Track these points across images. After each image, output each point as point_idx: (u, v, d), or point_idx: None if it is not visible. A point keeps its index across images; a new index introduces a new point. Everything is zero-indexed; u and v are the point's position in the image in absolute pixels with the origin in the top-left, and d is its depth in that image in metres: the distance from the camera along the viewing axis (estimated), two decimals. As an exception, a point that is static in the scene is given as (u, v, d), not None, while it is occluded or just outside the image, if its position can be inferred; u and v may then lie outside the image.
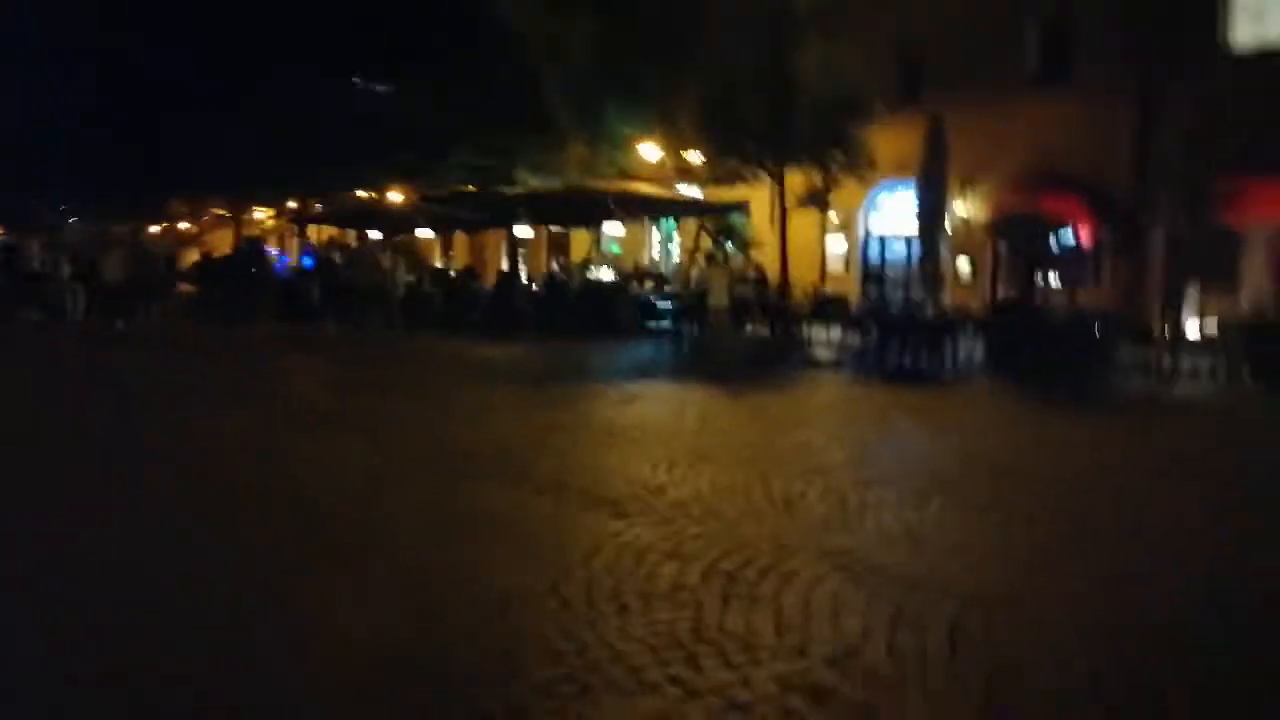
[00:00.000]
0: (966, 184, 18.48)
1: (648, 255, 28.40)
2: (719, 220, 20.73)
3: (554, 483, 6.38)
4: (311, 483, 6.48)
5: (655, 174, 23.46)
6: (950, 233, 17.74)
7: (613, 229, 26.91)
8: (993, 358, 13.80)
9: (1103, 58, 17.60)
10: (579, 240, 30.48)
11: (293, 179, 33.33)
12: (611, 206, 19.81)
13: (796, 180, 19.78)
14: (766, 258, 21.89)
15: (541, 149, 23.24)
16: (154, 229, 52.50)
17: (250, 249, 21.48)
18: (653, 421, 8.77)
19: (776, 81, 16.61)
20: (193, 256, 33.00)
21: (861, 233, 22.76)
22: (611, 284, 19.57)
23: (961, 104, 16.68)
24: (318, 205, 37.30)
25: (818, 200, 18.51)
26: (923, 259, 15.82)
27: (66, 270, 20.33)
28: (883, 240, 22.49)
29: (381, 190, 31.67)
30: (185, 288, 21.38)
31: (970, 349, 13.91)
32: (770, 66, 16.65)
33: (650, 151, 22.44)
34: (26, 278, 20.14)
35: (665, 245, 28.66)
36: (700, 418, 8.91)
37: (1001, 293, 19.27)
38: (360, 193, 33.82)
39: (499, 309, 19.84)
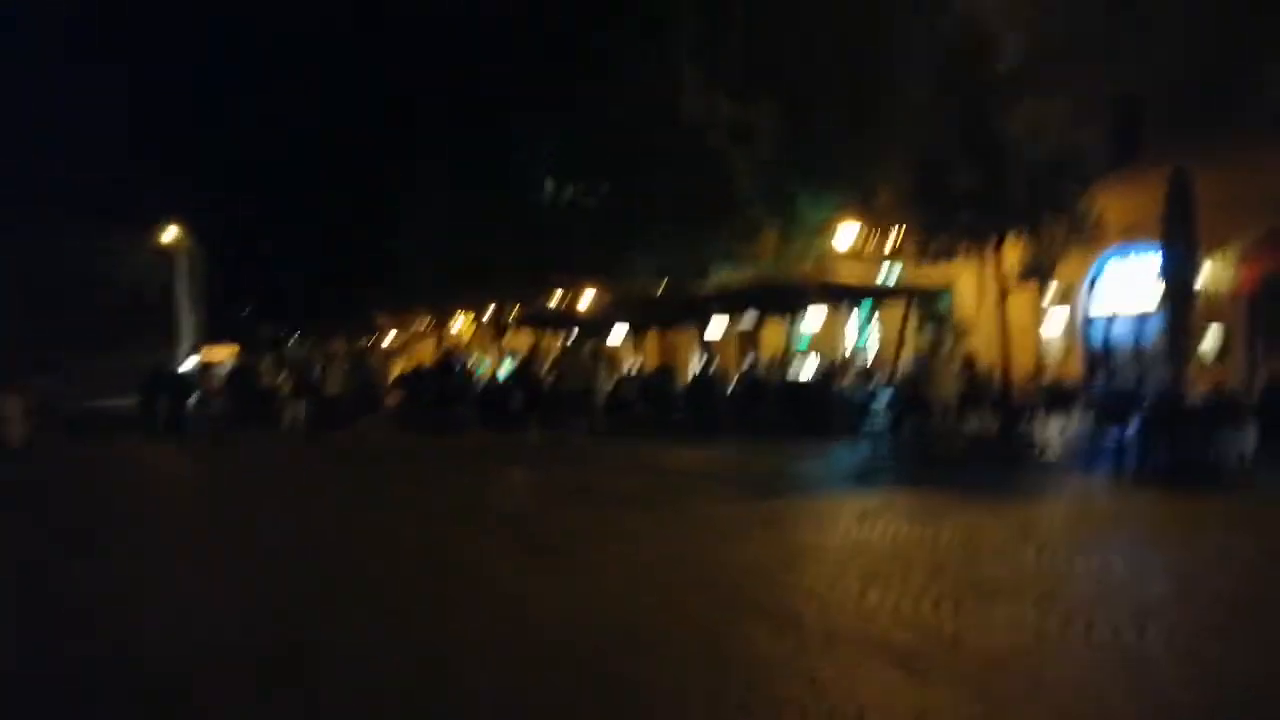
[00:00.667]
0: (1210, 248, 16.58)
1: (843, 348, 27.21)
2: (927, 304, 19.48)
3: (823, 627, 5.46)
4: (563, 627, 5.78)
5: (853, 258, 22.55)
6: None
7: (806, 322, 26.00)
8: (1269, 450, 11.88)
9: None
10: (772, 335, 29.71)
11: (488, 284, 34.14)
12: (811, 296, 18.95)
13: (1011, 255, 18.41)
14: (977, 343, 20.41)
15: (732, 240, 22.79)
16: (363, 342, 55.82)
17: (449, 359, 21.85)
18: (907, 544, 7.70)
19: (987, 146, 15.41)
20: (397, 368, 34.43)
21: (1082, 311, 20.86)
22: (815, 380, 18.57)
23: (1188, 157, 14.97)
24: (513, 311, 38.41)
25: (1039, 273, 16.96)
26: (1171, 334, 14.06)
27: (288, 387, 21.24)
28: (1110, 319, 20.52)
29: (573, 292, 32.09)
30: (393, 399, 21.91)
31: (1238, 440, 12.03)
32: (979, 130, 15.46)
33: (848, 234, 21.57)
34: (256, 395, 21.18)
35: (862, 336, 27.41)
36: (962, 539, 7.75)
37: (1256, 372, 17.01)
38: (556, 294, 34.41)
39: (698, 410, 19.21)
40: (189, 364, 30.09)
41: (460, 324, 44.24)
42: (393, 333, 54.19)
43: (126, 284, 54.37)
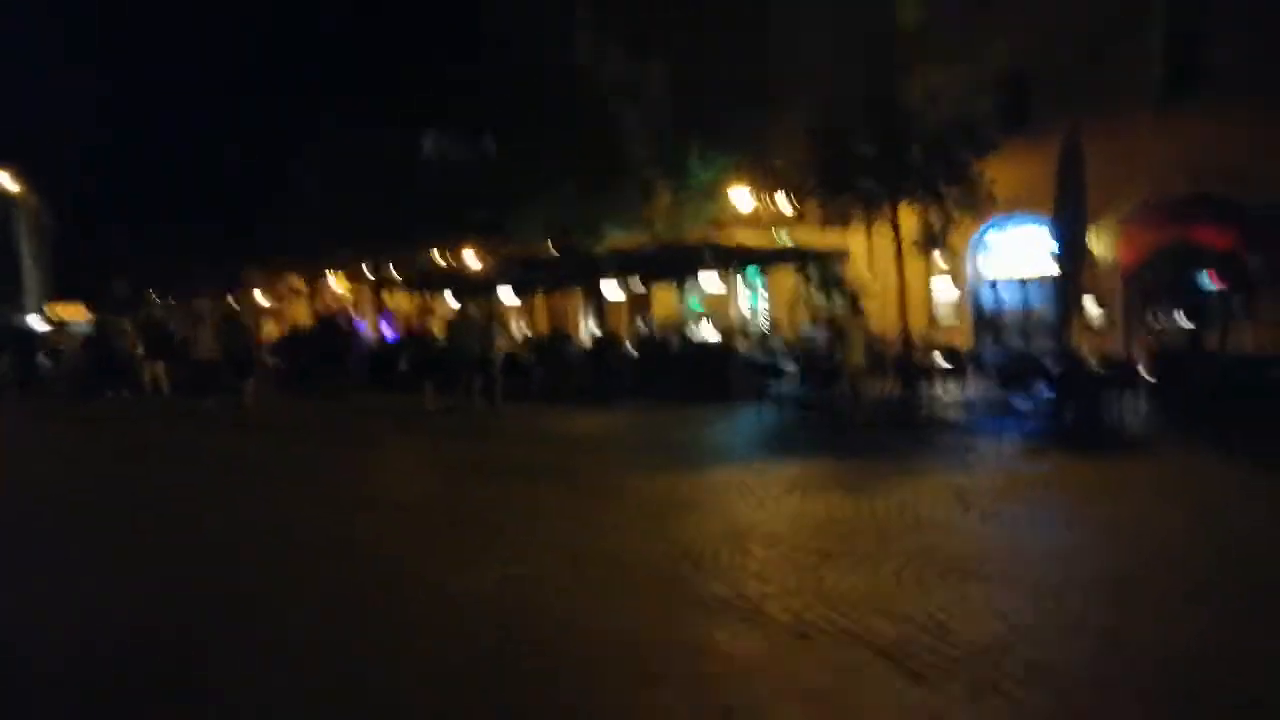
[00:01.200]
0: (1091, 220, 16.88)
1: (737, 312, 26.98)
2: (826, 268, 19.28)
3: (792, 619, 4.93)
4: (496, 630, 5.07)
5: (749, 222, 22.21)
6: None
7: (699, 286, 25.61)
8: (1166, 414, 12.10)
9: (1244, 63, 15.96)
10: (662, 299, 29.25)
11: (365, 241, 32.45)
12: (707, 259, 18.48)
13: (905, 221, 18.38)
14: (870, 308, 20.41)
15: (624, 202, 22.10)
16: (231, 303, 52.67)
17: (331, 319, 20.46)
18: (848, 518, 7.26)
19: (888, 110, 15.16)
20: (269, 330, 32.40)
21: (970, 276, 21.13)
22: (717, 343, 18.14)
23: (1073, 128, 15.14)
24: (391, 270, 36.68)
25: (935, 241, 16.93)
26: (1063, 298, 14.19)
27: (141, 346, 19.52)
28: (995, 284, 20.85)
29: (456, 251, 30.81)
30: (268, 362, 20.38)
31: (1135, 405, 12.20)
32: (879, 95, 15.19)
33: (742, 197, 21.18)
34: (113, 355, 19.32)
35: (753, 300, 27.24)
36: (902, 511, 7.37)
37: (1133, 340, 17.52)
38: (435, 255, 33.00)
39: (597, 374, 18.57)
40: (35, 321, 27.50)
41: (334, 283, 42.17)
42: (259, 293, 51.37)
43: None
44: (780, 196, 21.00)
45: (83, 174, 53.56)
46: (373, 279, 36.79)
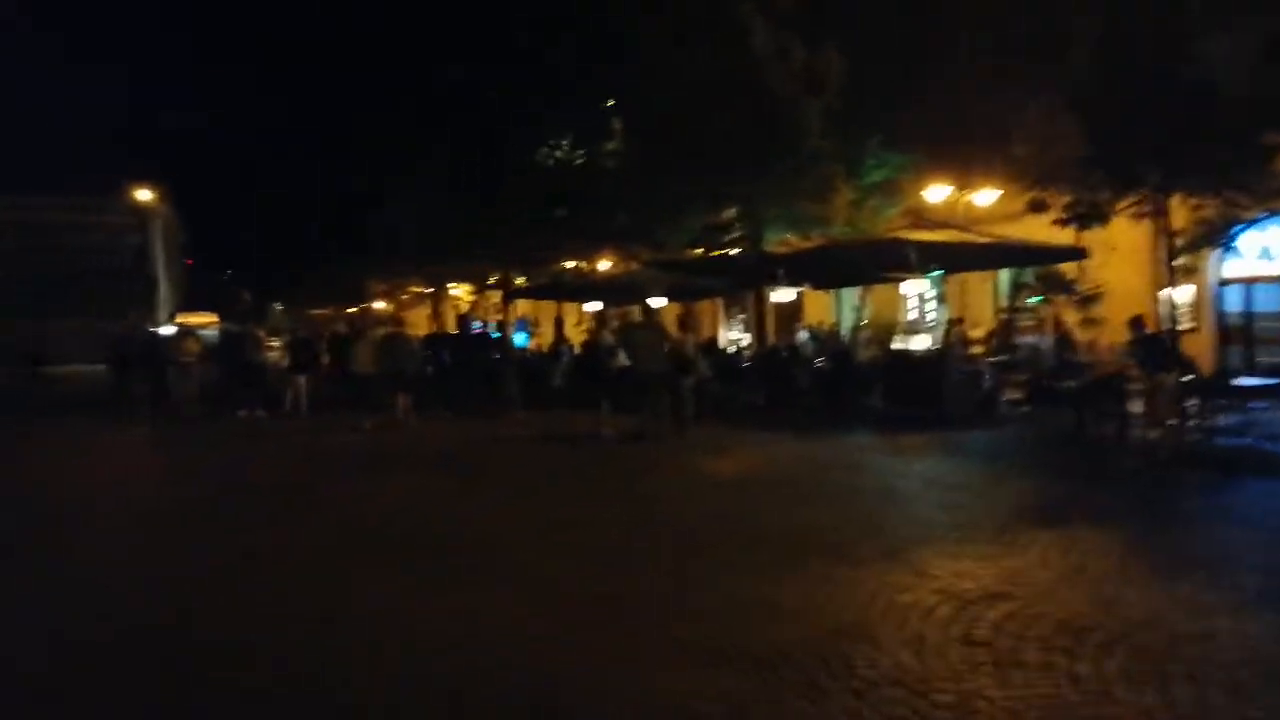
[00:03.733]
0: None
1: (902, 317, 23.86)
2: (1053, 271, 16.16)
3: None
4: None
5: (936, 221, 19.15)
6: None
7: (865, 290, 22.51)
8: None
9: None
10: (814, 303, 26.32)
11: (498, 247, 30.24)
12: (912, 258, 15.49)
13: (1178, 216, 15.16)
14: (1104, 314, 17.16)
15: (799, 199, 19.27)
16: (350, 310, 51.57)
17: (480, 326, 18.13)
18: None
19: (1178, 88, 11.88)
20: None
21: (1213, 278, 17.65)
22: (927, 352, 15.16)
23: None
24: (519, 278, 34.54)
25: (1216, 240, 13.65)
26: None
27: (287, 360, 17.49)
28: (1249, 287, 17.34)
29: (591, 258, 28.38)
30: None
31: None
32: (1165, 68, 11.93)
33: (936, 193, 18.12)
34: (250, 368, 17.33)
35: (937, 302, 24.09)
36: None
37: None
38: (568, 263, 30.67)
39: (781, 390, 15.88)
40: (168, 330, 26.13)
41: (459, 291, 40.32)
42: (379, 303, 50.10)
43: (98, 249, 49.92)
44: (986, 192, 17.86)
45: (212, 189, 53.39)
46: (503, 286, 34.73)
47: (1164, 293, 17.90)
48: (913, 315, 24.36)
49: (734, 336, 28.41)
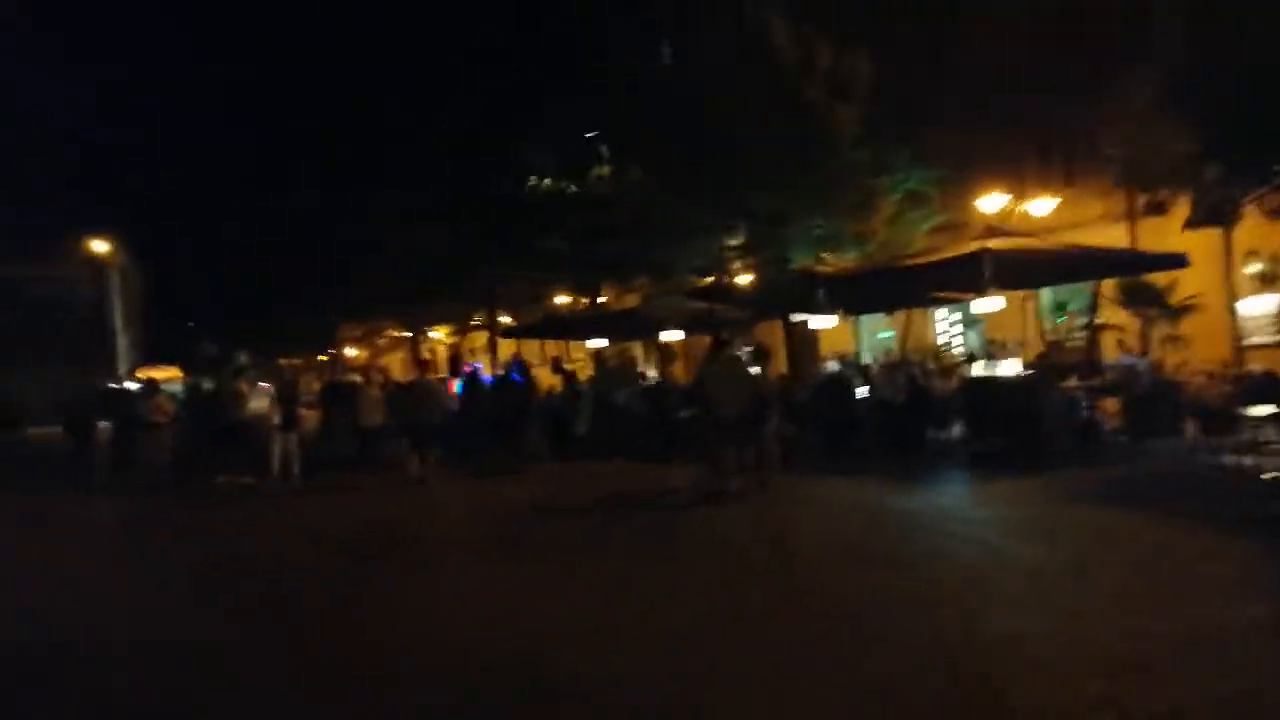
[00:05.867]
0: None
1: (930, 340, 21.83)
2: (1134, 281, 14.14)
3: None
4: None
5: (988, 231, 17.16)
6: None
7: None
8: None
9: None
10: (831, 331, 24.18)
11: (485, 283, 27.83)
12: (986, 274, 13.28)
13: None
14: (1191, 330, 15.22)
15: (836, 215, 17.19)
16: (321, 358, 48.60)
17: (508, 367, 15.61)
18: None
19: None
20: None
21: (1295, 284, 15.78)
22: (1025, 377, 12.96)
23: None
24: (503, 317, 32.10)
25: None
26: None
27: (276, 415, 14.84)
28: (1343, 292, 15.51)
29: (588, 293, 26.10)
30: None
31: None
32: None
33: (993, 204, 16.10)
34: (227, 426, 14.67)
35: (964, 326, 22.09)
36: None
37: None
38: (561, 299, 28.36)
39: (841, 429, 13.63)
40: (133, 386, 23.25)
41: (438, 334, 37.76)
42: (351, 350, 47.22)
43: (53, 303, 46.52)
44: (1043, 201, 15.89)
45: (169, 234, 50.32)
46: (486, 326, 32.23)
47: (1243, 303, 16.15)
48: (941, 340, 22.40)
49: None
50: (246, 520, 11.33)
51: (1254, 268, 15.76)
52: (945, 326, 22.76)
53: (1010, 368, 13.42)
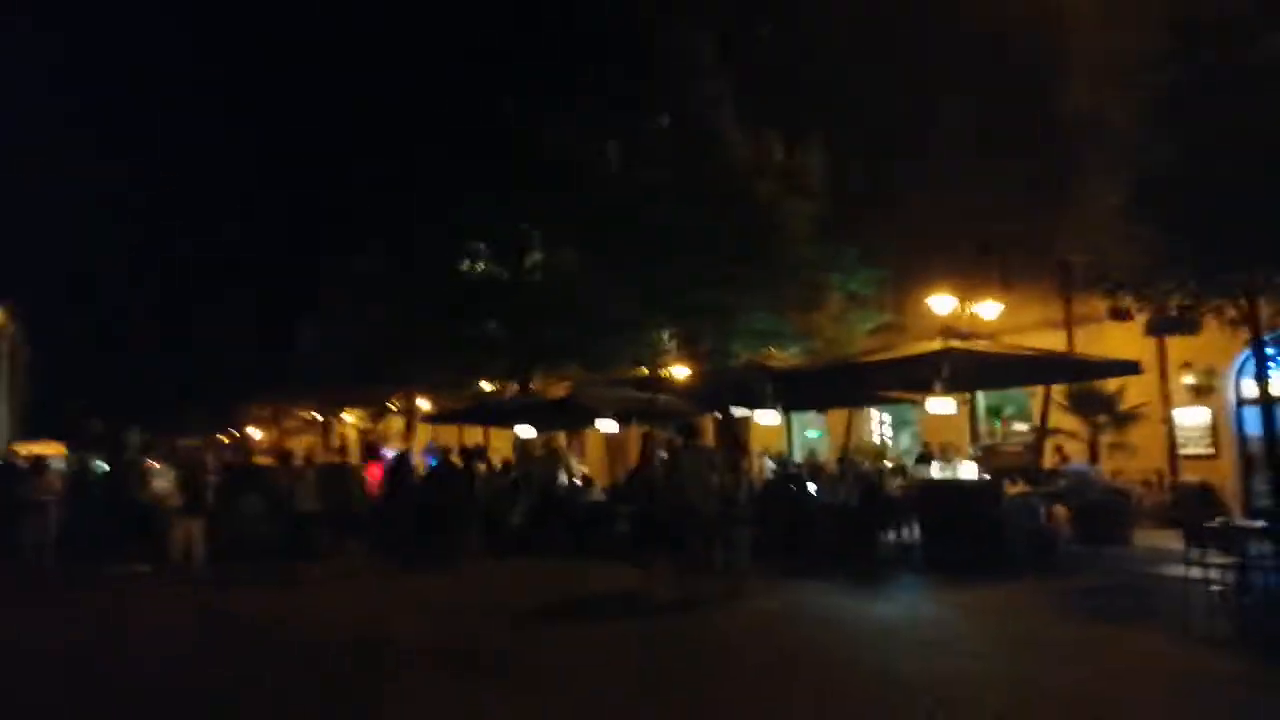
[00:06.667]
0: None
1: (868, 440, 21.59)
2: (1083, 387, 14.10)
3: None
4: None
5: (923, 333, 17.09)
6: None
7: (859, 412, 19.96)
8: None
9: None
10: (761, 428, 23.74)
11: (409, 367, 26.59)
12: (942, 375, 13.00)
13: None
14: (1139, 437, 15.24)
15: (782, 309, 16.90)
16: (221, 438, 45.81)
17: (446, 459, 14.43)
18: None
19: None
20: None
21: (1231, 397, 16.08)
22: (985, 482, 12.56)
23: None
24: (420, 401, 30.77)
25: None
26: None
27: (175, 499, 13.36)
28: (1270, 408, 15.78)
29: (522, 380, 25.11)
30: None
31: None
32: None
33: (941, 304, 16.05)
34: (126, 510, 13.13)
35: (890, 429, 21.97)
36: None
37: None
38: (485, 385, 27.32)
39: (793, 530, 12.97)
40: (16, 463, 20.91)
41: (351, 418, 35.96)
42: (256, 431, 44.71)
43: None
44: (989, 305, 15.92)
45: (56, 306, 47.47)
46: (404, 411, 30.83)
47: (1177, 413, 16.35)
48: (875, 440, 22.19)
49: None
50: (146, 618, 9.86)
51: (1188, 379, 16.03)
52: (876, 427, 22.61)
53: (967, 471, 13.05)
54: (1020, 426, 18.55)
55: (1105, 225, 10.72)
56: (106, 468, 18.16)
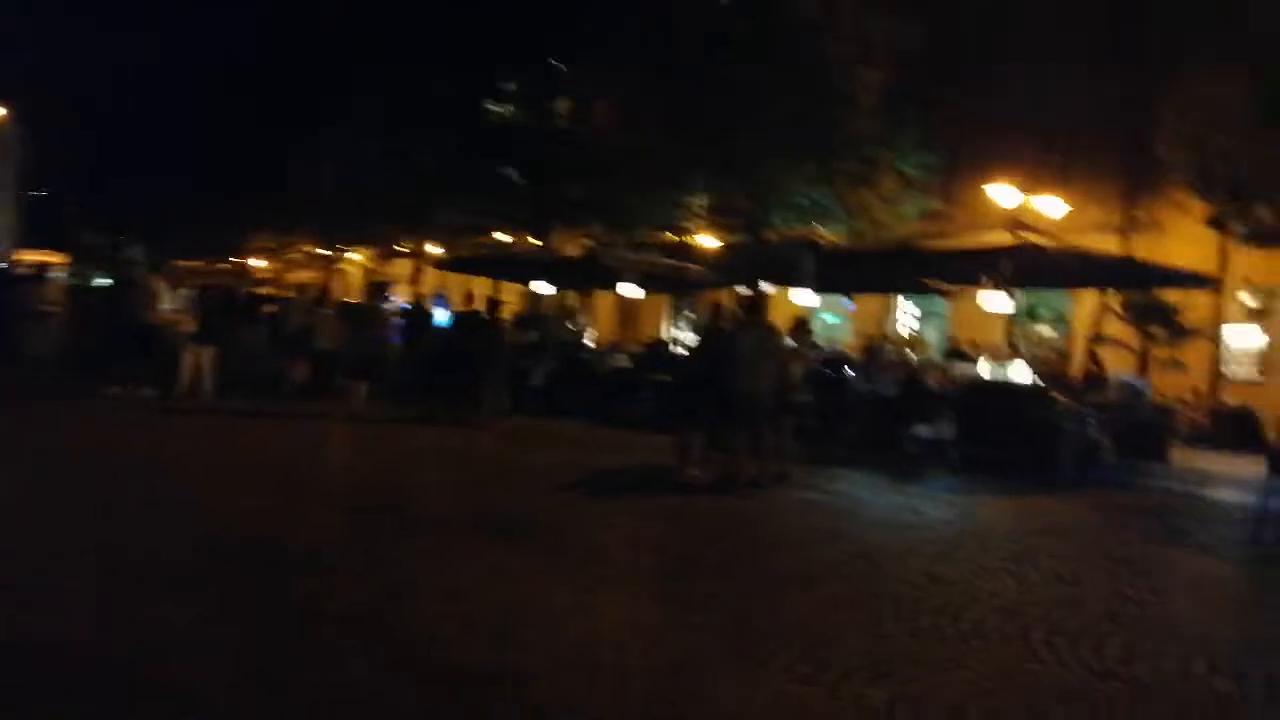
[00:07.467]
0: None
1: (890, 332, 20.86)
2: (1145, 297, 13.30)
3: None
4: None
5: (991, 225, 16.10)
6: None
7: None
8: None
9: None
10: (779, 312, 22.89)
11: (419, 207, 25.49)
12: (999, 270, 12.09)
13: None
14: (1194, 356, 14.55)
15: (831, 183, 15.81)
16: (222, 266, 44.76)
17: (473, 311, 13.59)
18: None
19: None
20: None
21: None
22: (1029, 387, 11.87)
23: None
24: (430, 246, 29.75)
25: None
26: None
27: (189, 324, 12.57)
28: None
29: (540, 234, 24.06)
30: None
31: None
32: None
33: (1004, 195, 14.96)
34: (131, 330, 12.36)
35: (918, 321, 21.17)
36: None
37: None
38: (501, 236, 26.27)
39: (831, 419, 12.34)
40: (19, 270, 19.96)
41: (355, 257, 34.93)
42: (259, 261, 43.64)
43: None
44: (1051, 201, 14.86)
45: (68, 107, 45.39)
46: (413, 254, 29.83)
47: (1227, 330, 15.57)
48: (901, 331, 21.46)
49: (679, 337, 24.70)
50: (146, 448, 9.21)
51: (1246, 297, 15.23)
52: (900, 317, 21.85)
53: (1017, 372, 12.34)
54: (1042, 329, 17.81)
55: (1224, 124, 9.66)
56: (109, 282, 17.34)
